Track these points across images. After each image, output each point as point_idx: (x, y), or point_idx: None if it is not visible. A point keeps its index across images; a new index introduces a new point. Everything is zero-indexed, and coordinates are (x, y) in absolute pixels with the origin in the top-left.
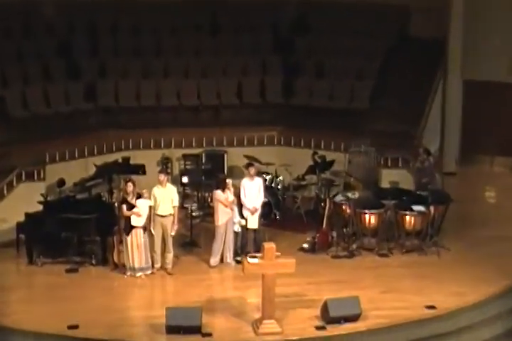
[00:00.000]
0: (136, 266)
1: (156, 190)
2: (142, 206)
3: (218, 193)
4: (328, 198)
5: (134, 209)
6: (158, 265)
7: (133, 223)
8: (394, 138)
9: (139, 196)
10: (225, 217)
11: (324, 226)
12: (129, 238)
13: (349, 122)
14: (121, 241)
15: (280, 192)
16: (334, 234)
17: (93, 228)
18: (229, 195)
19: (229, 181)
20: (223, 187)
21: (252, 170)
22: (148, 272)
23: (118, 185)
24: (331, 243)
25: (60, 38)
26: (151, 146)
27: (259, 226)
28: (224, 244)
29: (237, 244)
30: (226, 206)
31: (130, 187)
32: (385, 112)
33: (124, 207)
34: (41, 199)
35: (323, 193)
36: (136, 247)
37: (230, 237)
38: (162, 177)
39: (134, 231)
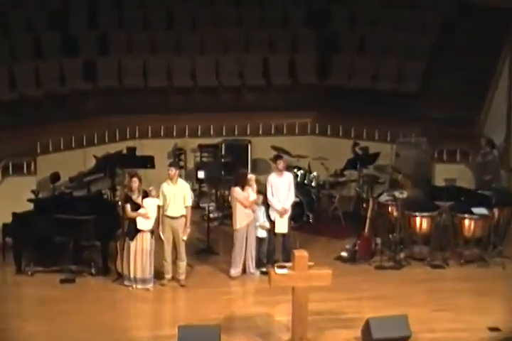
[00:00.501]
0: (138, 276)
1: (166, 187)
2: (150, 206)
3: (237, 191)
4: (371, 198)
5: (140, 210)
6: (169, 276)
7: (139, 226)
8: (450, 127)
9: (146, 194)
10: (244, 219)
11: (366, 231)
12: (133, 243)
13: (397, 107)
14: (125, 247)
15: (314, 191)
16: (378, 240)
17: (92, 231)
18: (250, 193)
19: (251, 176)
20: (243, 183)
21: (281, 164)
22: (150, 285)
23: (122, 181)
24: (375, 251)
25: (53, 8)
26: (161, 135)
27: (288, 230)
28: (245, 252)
29: (261, 251)
30: (246, 206)
31: (135, 183)
32: (439, 96)
33: (129, 206)
34: (32, 196)
35: (365, 192)
36: (140, 254)
37: (252, 243)
38: (173, 171)
39: (139, 235)
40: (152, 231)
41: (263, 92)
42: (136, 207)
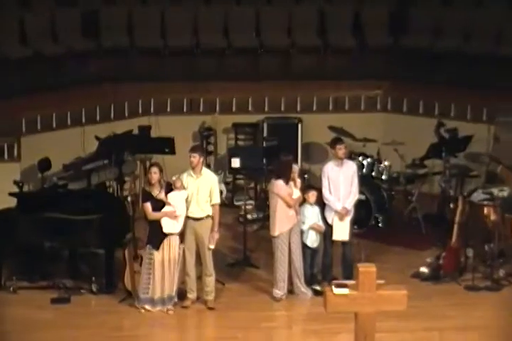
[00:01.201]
0: (157, 295)
1: (187, 179)
2: (177, 201)
3: (278, 185)
4: (460, 196)
5: (166, 208)
6: (193, 295)
7: (165, 229)
8: None
9: (170, 187)
10: (286, 223)
11: (454, 240)
12: (158, 253)
13: (495, 76)
14: (136, 257)
15: (385, 186)
16: (470, 252)
17: (94, 236)
18: (293, 189)
19: (296, 167)
20: (287, 174)
21: (341, 151)
22: (170, 307)
23: (132, 170)
24: (465, 266)
25: None
26: (184, 110)
27: (350, 237)
28: (290, 266)
29: (315, 264)
30: (290, 206)
31: (156, 174)
32: None
33: (149, 206)
34: (15, 189)
35: (453, 188)
36: (168, 266)
37: (298, 254)
38: (196, 158)
39: (166, 241)
40: (182, 235)
41: (318, 55)
42: (160, 205)
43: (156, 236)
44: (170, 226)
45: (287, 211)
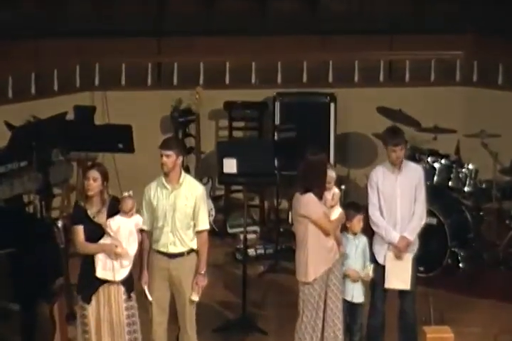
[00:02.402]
0: None
1: (156, 193)
2: (123, 230)
3: (310, 201)
4: None
5: (105, 239)
6: None
7: (99, 273)
8: None
9: (117, 207)
10: (322, 261)
11: None
12: (91, 309)
13: None
14: (71, 316)
15: (469, 203)
16: None
17: (5, 283)
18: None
19: (330, 172)
20: (320, 185)
21: (395, 154)
22: None
23: (65, 178)
24: None
25: None
26: (147, 81)
27: (413, 285)
28: (324, 330)
29: (355, 329)
30: (328, 233)
31: (95, 182)
32: None
33: (81, 231)
34: None
35: None
36: (108, 331)
37: (337, 314)
38: (171, 158)
39: (103, 291)
40: (130, 285)
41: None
42: (99, 231)
43: (88, 281)
44: (107, 269)
45: (324, 241)
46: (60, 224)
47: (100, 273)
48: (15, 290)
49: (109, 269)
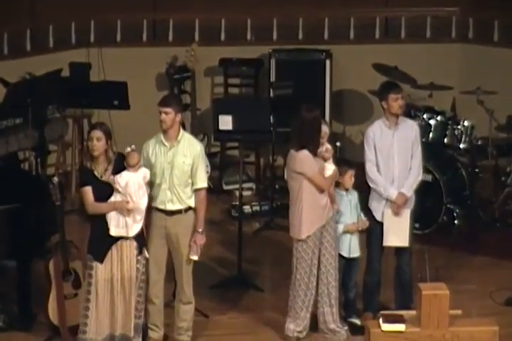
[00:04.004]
0: (102, 335)
1: (154, 150)
2: (133, 186)
3: (304, 158)
4: None
5: (115, 197)
6: (158, 334)
7: (114, 232)
8: None
9: (122, 164)
10: (317, 218)
11: None
12: (100, 268)
13: None
14: (66, 273)
15: (465, 159)
16: None
17: (0, 240)
18: (326, 164)
19: (323, 127)
20: (315, 141)
21: (398, 103)
22: None
23: (61, 135)
24: None
25: None
26: (143, 38)
27: (410, 241)
28: (317, 287)
29: (351, 285)
30: (322, 190)
31: (100, 141)
32: None
33: (90, 192)
34: None
35: None
36: (119, 291)
37: (332, 271)
38: (170, 115)
39: (115, 249)
40: (142, 239)
41: None
42: (107, 191)
43: (100, 240)
44: (121, 226)
45: (318, 198)
46: (55, 180)
47: (114, 231)
48: (11, 247)
49: (123, 226)
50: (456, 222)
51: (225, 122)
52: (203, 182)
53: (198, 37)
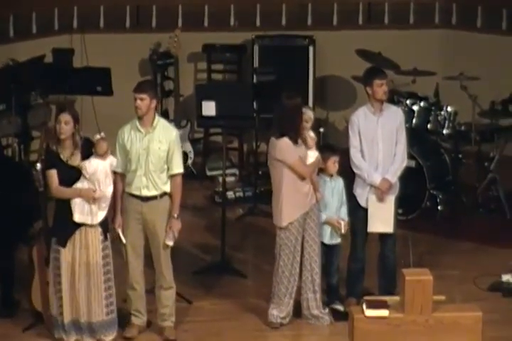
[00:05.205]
0: (80, 319)
1: (129, 136)
2: (98, 173)
3: (285, 145)
4: None
5: (80, 183)
6: (141, 320)
7: (77, 218)
8: None
9: (90, 148)
10: (298, 205)
11: None
12: (65, 253)
13: None
14: (49, 260)
15: (448, 145)
16: None
17: None
18: (308, 151)
19: (309, 114)
20: (296, 128)
21: (383, 89)
22: (109, 338)
23: (44, 121)
24: None
25: None
26: (126, 24)
27: (394, 227)
28: (301, 274)
29: (334, 271)
30: (303, 177)
31: (67, 124)
32: None
33: (55, 175)
34: None
35: None
36: (84, 276)
37: (314, 257)
38: (145, 101)
39: (78, 235)
40: (106, 225)
41: None
42: (73, 175)
43: (64, 225)
44: (85, 213)
45: (300, 186)
46: (38, 167)
47: (78, 217)
48: None
49: (87, 213)
50: (439, 207)
51: (209, 108)
52: (178, 167)
53: (181, 23)
